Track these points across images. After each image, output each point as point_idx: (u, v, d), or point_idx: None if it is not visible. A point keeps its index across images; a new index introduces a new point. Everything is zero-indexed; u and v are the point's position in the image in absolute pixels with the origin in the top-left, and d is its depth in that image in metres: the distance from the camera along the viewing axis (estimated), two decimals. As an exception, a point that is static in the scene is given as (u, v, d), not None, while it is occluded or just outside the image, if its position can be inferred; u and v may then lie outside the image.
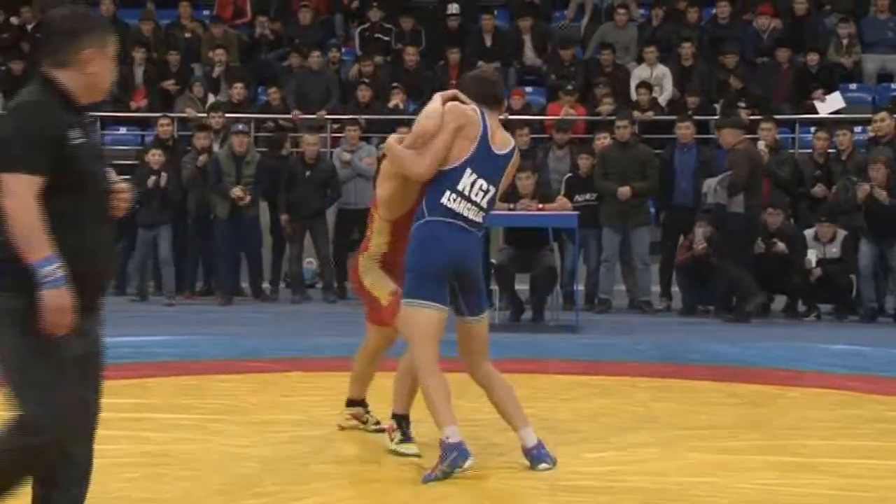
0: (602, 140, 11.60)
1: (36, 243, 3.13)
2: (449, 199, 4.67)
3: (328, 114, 13.26)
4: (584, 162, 11.34)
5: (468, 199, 4.69)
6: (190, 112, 13.05)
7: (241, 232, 11.51)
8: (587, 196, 11.16)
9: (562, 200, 10.36)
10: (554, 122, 12.55)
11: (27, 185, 3.11)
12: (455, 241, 4.67)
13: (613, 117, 12.03)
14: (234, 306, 11.39)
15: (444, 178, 4.69)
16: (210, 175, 11.49)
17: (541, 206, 10.00)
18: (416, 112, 13.28)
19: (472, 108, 4.81)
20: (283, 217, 11.60)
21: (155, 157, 11.44)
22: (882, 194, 10.37)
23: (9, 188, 3.11)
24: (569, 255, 11.07)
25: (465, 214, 4.70)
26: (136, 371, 7.25)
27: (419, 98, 13.47)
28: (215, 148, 11.92)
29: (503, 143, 4.84)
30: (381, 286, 5.16)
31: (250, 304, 11.49)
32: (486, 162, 4.73)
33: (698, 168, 11.29)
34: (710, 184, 10.51)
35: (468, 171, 4.70)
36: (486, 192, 4.73)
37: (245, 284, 11.89)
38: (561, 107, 13.14)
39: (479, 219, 4.74)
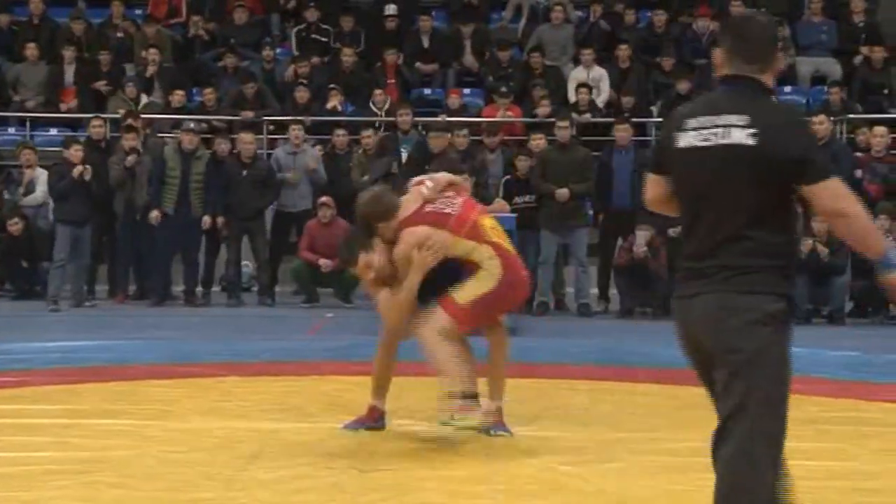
0: (538, 141, 11.64)
1: (874, 239, 3.19)
2: None
3: (265, 115, 13.16)
4: (522, 164, 11.38)
5: None
6: (121, 111, 12.90)
7: (179, 233, 11.38)
8: (526, 198, 11.18)
9: (500, 203, 10.35)
10: (488, 123, 12.58)
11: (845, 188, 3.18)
12: None
13: (552, 119, 12.07)
14: (166, 309, 11.27)
15: None
16: (147, 174, 11.37)
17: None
18: (353, 114, 13.37)
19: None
20: (221, 219, 11.49)
21: (76, 152, 11.25)
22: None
23: (842, 192, 3.16)
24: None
25: None
26: (65, 376, 7.15)
27: (357, 99, 13.43)
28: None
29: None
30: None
31: (184, 308, 11.37)
32: None
33: (636, 170, 11.36)
34: None
35: None
36: None
37: (178, 288, 11.76)
38: (497, 109, 13.17)
39: None
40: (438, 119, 12.53)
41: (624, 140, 11.52)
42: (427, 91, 14.36)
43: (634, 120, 12.28)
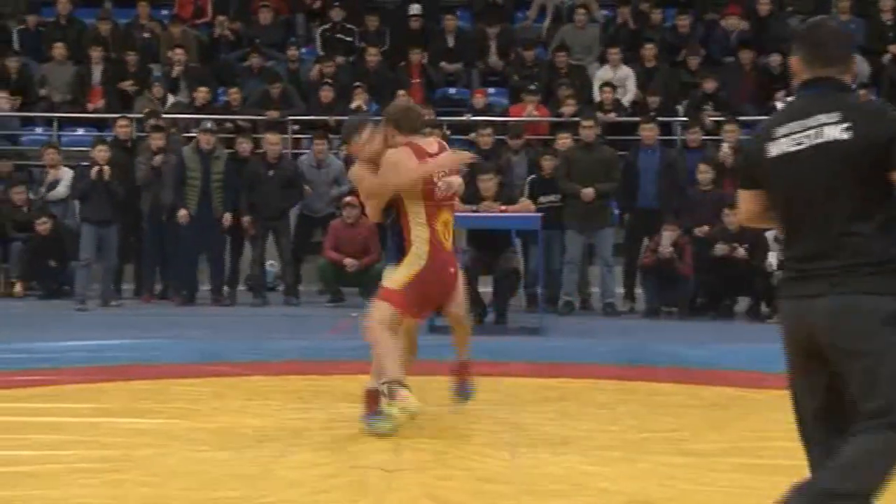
0: (564, 140, 11.64)
1: None
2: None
3: (290, 115, 13.20)
4: (547, 163, 11.37)
5: None
6: (146, 110, 12.97)
7: (203, 233, 11.45)
8: (551, 197, 11.19)
9: (525, 202, 10.40)
10: (513, 124, 12.58)
11: None
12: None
13: (576, 118, 12.06)
14: (192, 309, 11.33)
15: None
16: (173, 173, 11.43)
17: (503, 207, 10.03)
18: (379, 113, 13.38)
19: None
20: (246, 218, 11.54)
21: (101, 152, 11.33)
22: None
23: None
24: (532, 257, 11.09)
25: None
26: (92, 375, 7.21)
27: (381, 99, 13.45)
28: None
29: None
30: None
31: (209, 307, 11.43)
32: None
33: (662, 170, 11.35)
34: None
35: None
36: None
37: (204, 287, 11.82)
38: (524, 108, 13.17)
39: None
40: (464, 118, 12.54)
41: (650, 139, 11.50)
42: (452, 91, 14.37)
43: (660, 119, 12.25)
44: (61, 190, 12.09)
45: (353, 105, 13.26)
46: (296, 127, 13.25)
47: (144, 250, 11.82)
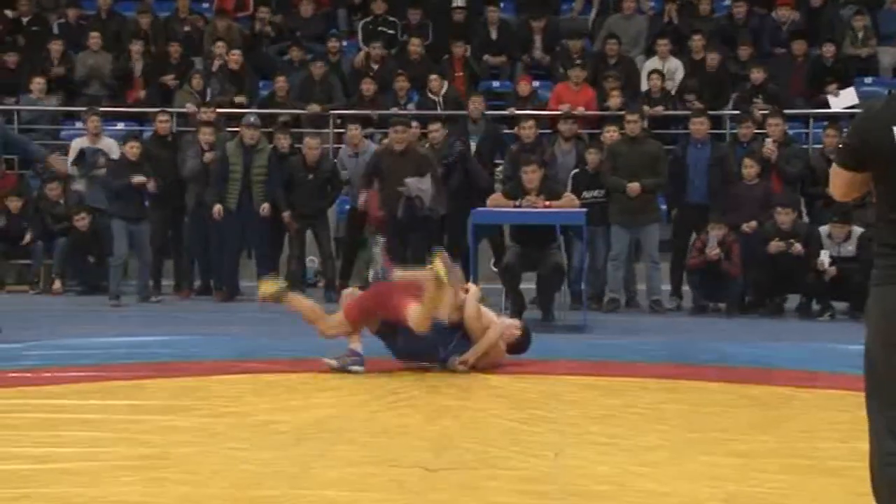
0: (611, 134, 11.59)
1: None
2: None
3: (332, 109, 13.23)
4: (592, 157, 11.33)
5: None
6: (189, 107, 13.05)
7: (244, 228, 11.48)
8: (595, 192, 11.14)
9: (569, 197, 10.35)
10: (560, 112, 12.51)
11: None
12: None
13: (623, 112, 12.00)
14: (231, 305, 11.39)
15: None
16: (218, 169, 11.48)
17: (547, 202, 9.98)
18: (419, 104, 13.40)
19: None
20: (286, 213, 11.58)
21: (133, 149, 11.41)
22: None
23: None
24: (576, 253, 11.05)
25: None
26: (131, 372, 7.26)
27: (424, 92, 13.46)
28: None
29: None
30: None
31: (250, 304, 11.47)
32: None
33: (712, 165, 11.26)
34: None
35: None
36: None
37: (245, 283, 11.87)
38: (569, 88, 13.10)
39: None
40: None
41: (700, 133, 11.42)
42: (495, 84, 14.37)
43: (710, 113, 12.14)
44: (102, 168, 12.03)
45: (396, 86, 13.14)
46: (338, 121, 13.27)
47: (185, 246, 11.90)
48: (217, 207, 11.39)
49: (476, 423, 5.85)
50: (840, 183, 3.57)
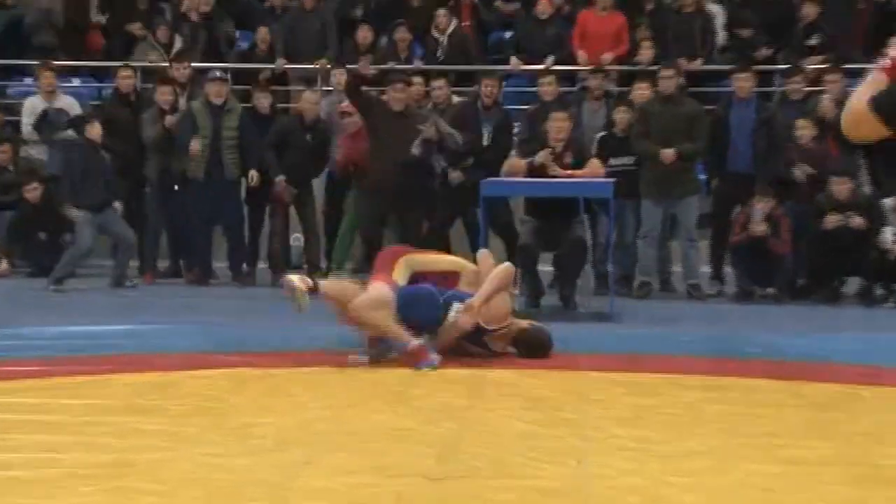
0: (641, 92, 11.56)
1: None
2: None
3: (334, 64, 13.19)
4: (622, 116, 11.30)
5: None
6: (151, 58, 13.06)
7: (215, 201, 11.47)
8: (624, 159, 11.13)
9: (594, 164, 10.26)
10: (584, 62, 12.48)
11: None
12: None
13: (656, 66, 11.98)
14: (207, 289, 11.40)
15: None
16: (181, 132, 11.45)
17: (569, 172, 9.94)
18: (423, 59, 13.39)
19: None
20: (280, 179, 11.47)
21: (95, 130, 11.35)
22: None
23: None
24: (602, 230, 11.05)
25: None
26: (92, 366, 7.28)
27: (423, 39, 13.44)
28: (182, 106, 11.91)
29: None
30: None
31: (225, 288, 11.50)
32: None
33: (758, 127, 11.25)
34: None
35: None
36: None
37: (220, 264, 11.90)
38: (593, 15, 13.07)
39: None
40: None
41: (745, 91, 11.40)
42: (508, 35, 14.35)
43: (757, 67, 12.10)
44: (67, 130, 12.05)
45: (397, 36, 13.18)
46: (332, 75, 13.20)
47: (149, 222, 11.87)
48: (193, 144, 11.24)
49: (486, 426, 5.86)
50: (866, 126, 3.47)
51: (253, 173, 11.41)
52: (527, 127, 11.48)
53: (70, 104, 12.40)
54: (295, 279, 7.75)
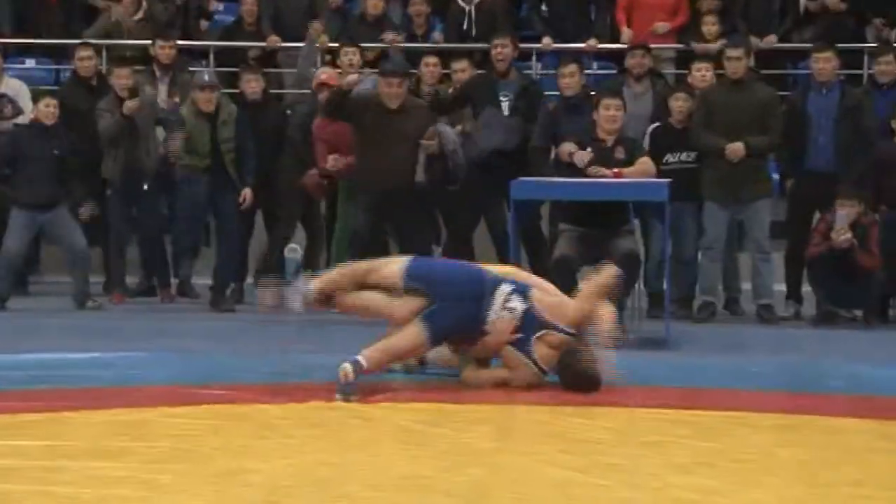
0: (702, 74, 11.55)
1: None
2: None
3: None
4: (679, 105, 11.31)
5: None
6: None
7: (210, 190, 11.36)
8: (682, 156, 11.14)
9: (643, 163, 10.25)
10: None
11: None
12: None
13: (720, 45, 12.00)
14: (184, 310, 11.44)
15: None
16: (169, 127, 11.44)
17: (618, 170, 9.95)
18: (442, 37, 13.40)
19: None
20: (313, 172, 11.39)
21: (49, 108, 11.36)
22: None
23: None
24: (655, 240, 11.05)
25: None
26: (49, 402, 7.29)
27: (444, 15, 13.46)
28: (162, 93, 11.93)
29: None
30: None
31: (208, 309, 11.52)
32: None
33: (841, 117, 11.24)
34: None
35: None
36: None
37: (200, 281, 11.93)
38: None
39: None
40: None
41: (826, 74, 11.40)
42: (543, 7, 14.37)
43: (842, 46, 12.11)
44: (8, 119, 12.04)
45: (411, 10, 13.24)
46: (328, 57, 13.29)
47: (112, 231, 11.87)
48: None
49: (517, 473, 5.87)
50: None
51: (246, 192, 11.37)
52: (544, 130, 11.20)
53: (16, 88, 12.37)
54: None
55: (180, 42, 12.86)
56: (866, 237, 10.69)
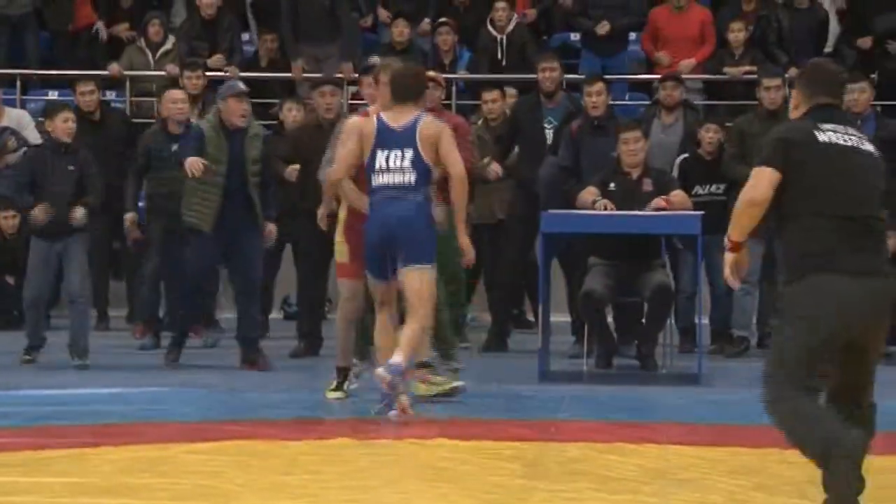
0: (772, 97, 11.29)
1: None
2: (375, 179, 8.13)
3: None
4: (710, 136, 11.25)
5: (388, 170, 8.08)
6: (171, 68, 13.10)
7: (232, 232, 10.80)
8: (713, 187, 11.10)
9: (676, 195, 10.23)
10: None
11: None
12: (384, 211, 8.08)
13: (753, 75, 11.96)
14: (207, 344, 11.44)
15: (367, 169, 8.17)
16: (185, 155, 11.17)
17: (662, 198, 9.91)
18: (471, 66, 13.37)
19: (363, 118, 8.43)
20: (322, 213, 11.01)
21: (66, 123, 10.91)
22: None
23: None
24: (687, 273, 10.99)
25: (391, 182, 8.08)
26: (68, 438, 7.29)
27: (475, 41, 13.44)
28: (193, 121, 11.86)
29: (399, 119, 8.15)
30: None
31: (231, 342, 11.48)
32: (387, 139, 8.13)
33: (878, 148, 11.12)
34: None
35: (377, 152, 8.13)
36: (402, 158, 8.07)
37: (224, 315, 11.88)
38: (668, 11, 13.09)
39: (406, 180, 8.06)
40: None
41: (861, 105, 11.35)
42: (573, 36, 14.36)
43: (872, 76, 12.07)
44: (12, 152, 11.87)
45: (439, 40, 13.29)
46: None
47: (150, 265, 11.65)
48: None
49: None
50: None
51: (270, 227, 10.52)
52: (568, 153, 11.01)
53: (19, 118, 12.25)
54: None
55: (208, 73, 12.87)
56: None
